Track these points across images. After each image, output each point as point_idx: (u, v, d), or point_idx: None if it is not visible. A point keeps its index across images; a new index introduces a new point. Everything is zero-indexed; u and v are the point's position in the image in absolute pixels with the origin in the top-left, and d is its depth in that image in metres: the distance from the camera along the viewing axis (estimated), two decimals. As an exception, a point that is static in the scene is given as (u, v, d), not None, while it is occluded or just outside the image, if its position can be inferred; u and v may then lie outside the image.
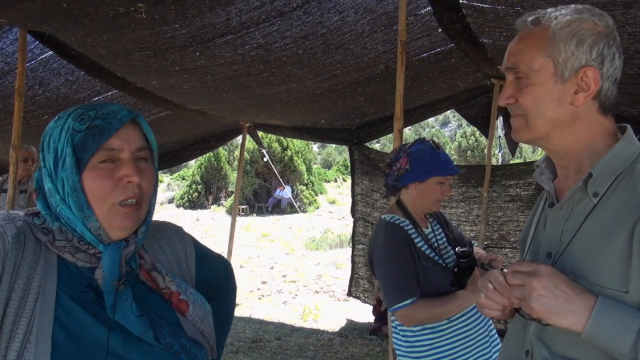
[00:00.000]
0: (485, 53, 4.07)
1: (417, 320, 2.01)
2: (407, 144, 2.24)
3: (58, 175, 1.00)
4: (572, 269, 1.02)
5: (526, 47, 1.08)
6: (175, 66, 3.89)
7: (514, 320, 1.18)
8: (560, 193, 1.14)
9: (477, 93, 5.22)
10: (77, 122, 1.01)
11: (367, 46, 3.77)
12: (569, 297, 0.95)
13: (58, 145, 1.00)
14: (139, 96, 4.62)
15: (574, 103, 1.06)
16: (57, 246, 1.01)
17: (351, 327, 6.03)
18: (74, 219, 1.00)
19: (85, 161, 1.00)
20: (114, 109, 1.04)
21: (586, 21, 1.04)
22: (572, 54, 1.04)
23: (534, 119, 1.08)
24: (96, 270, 1.02)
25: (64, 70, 4.09)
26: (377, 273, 2.12)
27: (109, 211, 1.01)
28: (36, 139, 5.15)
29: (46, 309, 0.94)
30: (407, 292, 2.00)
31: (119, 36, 3.33)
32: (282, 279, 8.79)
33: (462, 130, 37.74)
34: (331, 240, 12.87)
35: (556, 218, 1.11)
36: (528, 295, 0.97)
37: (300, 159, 23.51)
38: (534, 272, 0.98)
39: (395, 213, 2.18)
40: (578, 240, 1.04)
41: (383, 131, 5.98)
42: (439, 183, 2.11)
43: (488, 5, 3.26)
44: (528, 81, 1.08)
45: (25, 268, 0.95)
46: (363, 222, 6.30)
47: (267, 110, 5.40)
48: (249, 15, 3.18)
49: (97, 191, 1.00)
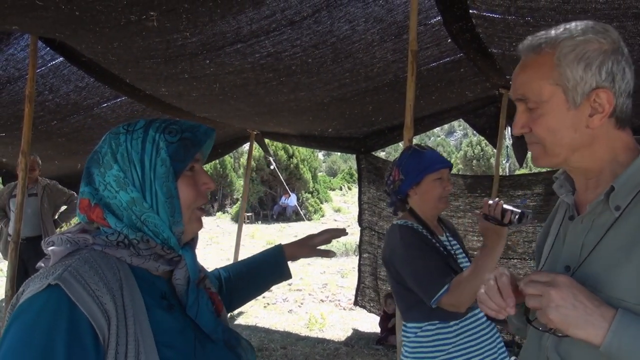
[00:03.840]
0: (494, 63, 4.07)
1: (464, 299, 1.93)
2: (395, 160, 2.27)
3: (146, 184, 1.05)
4: (590, 282, 1.01)
5: (532, 78, 1.06)
6: (185, 74, 3.90)
7: (530, 333, 1.16)
8: (580, 206, 1.13)
9: (485, 103, 5.21)
10: (165, 134, 1.08)
11: (377, 55, 3.78)
12: (587, 309, 0.93)
13: (144, 156, 1.05)
14: (147, 103, 4.65)
15: (590, 126, 1.03)
16: (142, 255, 1.04)
17: (357, 336, 5.99)
18: (162, 225, 1.05)
19: (181, 170, 1.08)
20: (192, 124, 1.14)
21: (591, 42, 1.02)
22: (581, 79, 1.02)
23: (552, 147, 1.06)
24: (176, 271, 1.08)
25: (74, 76, 4.11)
26: (403, 274, 2.08)
27: (190, 216, 1.10)
28: (45, 144, 5.22)
29: (144, 327, 0.97)
30: (439, 281, 1.96)
31: (130, 43, 3.35)
32: (288, 287, 8.75)
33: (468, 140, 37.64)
34: (336, 249, 12.80)
35: (576, 231, 1.10)
36: (546, 305, 0.95)
37: (306, 166, 23.51)
38: (552, 283, 0.96)
39: (408, 219, 2.18)
40: (598, 254, 1.03)
41: (391, 140, 5.97)
42: (435, 180, 2.12)
43: (498, 16, 3.27)
44: (540, 111, 1.05)
45: (118, 297, 0.95)
46: (369, 231, 6.28)
47: (275, 119, 5.41)
48: (260, 24, 3.19)
49: (187, 197, 1.09)
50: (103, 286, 0.93)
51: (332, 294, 8.27)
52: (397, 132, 5.70)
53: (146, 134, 1.07)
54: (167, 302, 1.05)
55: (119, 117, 4.81)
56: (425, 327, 2.09)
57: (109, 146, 1.07)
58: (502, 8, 3.11)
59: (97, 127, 4.94)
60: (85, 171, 1.09)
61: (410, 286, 2.06)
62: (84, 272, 0.93)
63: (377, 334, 5.85)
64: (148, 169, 1.04)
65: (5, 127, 4.81)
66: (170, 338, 1.00)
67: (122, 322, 0.93)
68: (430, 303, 1.98)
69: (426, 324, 2.09)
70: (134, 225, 1.04)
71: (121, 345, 0.91)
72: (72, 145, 5.47)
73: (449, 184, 2.13)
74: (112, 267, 0.99)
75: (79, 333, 0.88)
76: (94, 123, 4.88)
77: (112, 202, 1.04)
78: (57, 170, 6.29)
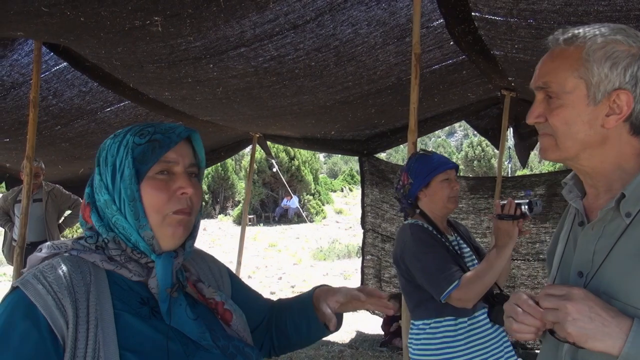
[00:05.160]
0: (496, 65, 4.07)
1: (472, 295, 2.00)
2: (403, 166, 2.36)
3: (116, 187, 1.05)
4: (605, 290, 1.01)
5: (559, 67, 1.07)
6: (188, 78, 3.91)
7: (546, 341, 1.16)
8: (590, 212, 1.13)
9: (487, 104, 5.23)
10: (136, 136, 1.07)
11: (379, 58, 3.79)
12: (604, 321, 0.93)
13: (116, 159, 1.06)
14: (151, 107, 4.66)
15: (605, 125, 1.04)
16: (114, 259, 1.05)
17: (361, 338, 6.00)
18: (129, 228, 1.05)
19: (144, 172, 1.05)
20: (172, 125, 1.11)
21: (621, 43, 1.03)
22: (605, 77, 1.03)
23: (564, 139, 1.07)
24: (149, 280, 1.07)
25: (77, 81, 4.13)
26: (414, 271, 2.13)
27: (162, 221, 1.06)
28: (49, 150, 5.23)
29: (108, 332, 0.97)
30: (449, 277, 2.01)
31: (134, 48, 3.36)
32: (291, 290, 8.77)
33: (469, 140, 37.63)
34: (339, 251, 12.83)
35: (587, 238, 1.10)
36: (563, 319, 0.95)
37: (307, 168, 23.54)
38: (567, 296, 0.97)
39: (418, 220, 2.23)
40: (611, 261, 1.03)
41: (393, 142, 5.99)
42: (443, 181, 2.18)
43: (500, 18, 3.27)
44: (559, 102, 1.06)
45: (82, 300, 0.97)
46: (373, 233, 6.29)
47: (278, 122, 5.42)
48: (263, 28, 3.20)
49: (154, 201, 1.05)
50: (65, 289, 0.95)
51: (335, 296, 8.26)
52: (399, 135, 5.71)
53: (123, 138, 1.08)
54: (149, 308, 1.05)
55: (123, 122, 4.82)
56: (433, 324, 2.13)
57: (99, 150, 1.11)
58: (505, 11, 3.12)
59: (100, 131, 4.96)
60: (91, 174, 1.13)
61: (420, 282, 2.10)
62: (49, 275, 0.97)
63: (381, 336, 5.85)
64: (117, 172, 1.05)
65: (9, 133, 4.83)
66: (137, 343, 0.99)
67: (83, 325, 0.95)
68: (440, 298, 2.03)
69: (434, 321, 2.13)
70: (109, 226, 1.07)
71: (80, 347, 0.93)
72: (75, 150, 5.49)
73: (457, 184, 2.17)
74: (83, 271, 1.01)
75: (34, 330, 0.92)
76: (98, 127, 4.89)
77: (98, 203, 1.08)
78: (60, 175, 6.30)
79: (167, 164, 1.07)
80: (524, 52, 3.67)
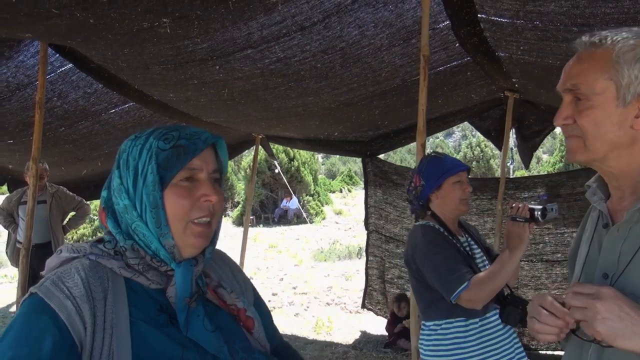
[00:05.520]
0: (501, 66, 4.08)
1: (483, 296, 2.00)
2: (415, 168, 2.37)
3: (137, 192, 1.02)
4: (632, 290, 1.02)
5: (588, 69, 1.08)
6: (194, 79, 3.92)
7: (570, 342, 1.17)
8: (615, 214, 1.14)
9: (490, 106, 5.23)
10: (160, 141, 1.03)
11: (385, 60, 3.80)
12: (634, 320, 0.94)
13: (138, 163, 1.02)
14: (155, 108, 4.66)
15: (634, 127, 1.05)
16: (132, 267, 1.01)
17: (365, 339, 6.00)
18: (150, 236, 1.02)
19: (169, 179, 1.02)
20: (197, 130, 1.07)
21: None
22: (635, 78, 1.04)
23: (594, 141, 1.07)
24: (168, 289, 1.03)
25: (82, 82, 4.13)
26: (425, 271, 2.14)
27: (184, 229, 1.03)
28: (52, 151, 5.23)
29: (122, 341, 0.94)
30: (459, 277, 2.02)
31: (141, 50, 3.36)
32: (293, 291, 8.76)
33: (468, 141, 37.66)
34: (339, 252, 12.82)
35: (613, 239, 1.11)
36: (592, 318, 0.96)
37: (307, 169, 23.52)
38: (597, 295, 0.97)
39: (430, 221, 2.24)
40: (637, 262, 1.04)
41: (396, 143, 6.00)
42: (455, 183, 2.20)
43: (506, 20, 3.28)
44: (589, 103, 1.07)
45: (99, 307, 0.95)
46: (376, 234, 6.29)
47: (282, 123, 5.42)
48: (270, 29, 3.20)
49: (177, 209, 1.02)
50: (83, 295, 0.94)
51: (337, 297, 8.28)
52: (402, 136, 5.72)
53: (146, 141, 1.04)
54: (167, 316, 1.02)
55: (127, 123, 4.82)
56: (444, 324, 2.14)
57: (119, 152, 1.08)
58: (511, 12, 3.12)
59: (104, 133, 4.96)
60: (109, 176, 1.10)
61: (431, 282, 2.11)
62: (67, 281, 0.95)
63: (385, 337, 5.86)
64: (140, 177, 1.02)
65: (13, 134, 4.82)
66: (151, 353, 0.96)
67: (100, 333, 0.93)
68: (450, 298, 2.04)
69: (445, 322, 2.14)
70: (127, 233, 1.04)
71: (95, 355, 0.92)
72: (79, 152, 5.48)
73: (468, 186, 2.19)
74: (101, 277, 0.98)
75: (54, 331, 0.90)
76: (102, 129, 4.90)
77: (116, 207, 1.05)
78: (63, 177, 6.30)
79: (191, 171, 1.04)
80: (529, 53, 3.68)
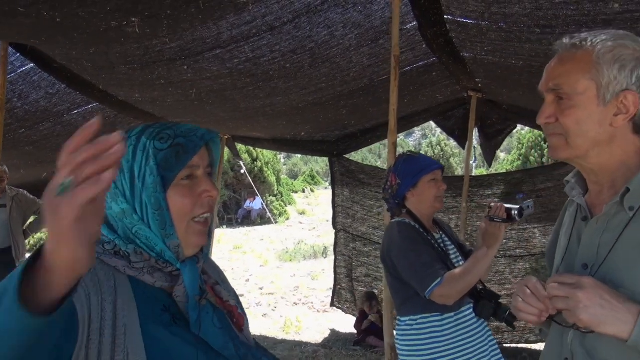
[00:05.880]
0: (465, 67, 4.18)
1: (455, 292, 2.06)
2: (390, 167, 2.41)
3: (136, 195, 0.98)
4: (611, 280, 1.07)
5: (570, 70, 1.13)
6: (161, 79, 3.86)
7: (552, 330, 1.22)
8: (594, 208, 1.19)
9: (454, 105, 5.34)
10: (156, 141, 1.00)
11: (353, 60, 3.83)
12: (614, 307, 0.99)
13: (134, 165, 0.99)
14: (120, 109, 4.58)
15: (614, 124, 1.11)
16: (136, 268, 0.98)
17: (334, 338, 6.04)
18: (154, 238, 0.99)
19: (171, 179, 1.00)
20: (191, 127, 1.05)
21: (627, 47, 1.10)
22: (614, 78, 1.09)
23: (575, 138, 1.12)
24: (175, 289, 1.01)
25: (44, 83, 4.01)
26: (400, 267, 2.18)
27: (187, 228, 1.02)
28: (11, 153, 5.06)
29: (137, 341, 0.91)
30: (433, 273, 2.07)
31: (107, 49, 3.30)
32: (259, 292, 8.73)
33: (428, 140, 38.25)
34: (305, 252, 12.84)
35: (592, 231, 1.16)
36: (574, 307, 1.01)
37: (270, 169, 23.45)
38: (578, 285, 1.02)
39: (405, 218, 2.28)
40: (616, 252, 1.09)
41: (362, 143, 6.06)
42: (430, 181, 2.25)
43: (472, 21, 3.36)
44: (571, 102, 1.12)
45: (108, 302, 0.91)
46: (344, 233, 6.34)
47: (250, 123, 5.40)
48: (240, 29, 3.19)
49: (181, 208, 1.01)
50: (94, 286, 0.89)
51: (304, 297, 8.30)
52: (369, 135, 5.78)
53: (138, 141, 1.00)
54: (170, 315, 0.99)
55: (90, 124, 4.71)
56: (419, 320, 2.18)
57: None
58: (477, 14, 3.20)
59: (66, 134, 4.82)
60: None
61: (406, 278, 2.16)
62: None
63: (353, 335, 5.91)
64: (137, 179, 0.98)
65: (-30, 136, 4.65)
66: (164, 353, 0.94)
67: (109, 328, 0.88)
68: (424, 294, 2.09)
69: (420, 317, 2.19)
70: (127, 237, 1.00)
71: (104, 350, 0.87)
72: (40, 154, 5.33)
73: (443, 185, 2.24)
74: (108, 273, 0.94)
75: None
76: (64, 130, 4.77)
77: (108, 212, 1.00)
78: (22, 179, 6.10)
79: (191, 169, 1.02)
80: (492, 54, 3.78)
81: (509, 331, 5.43)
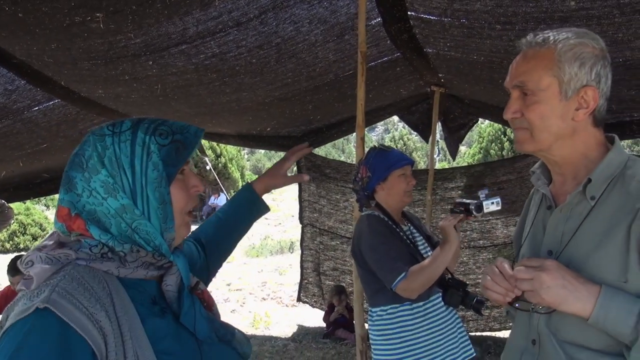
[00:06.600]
0: (428, 62, 4.26)
1: (417, 286, 2.11)
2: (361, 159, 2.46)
3: (137, 190, 0.99)
4: (574, 264, 1.14)
5: (534, 67, 1.19)
6: (125, 75, 3.81)
7: (518, 316, 1.29)
8: (558, 197, 1.26)
9: (418, 100, 5.44)
10: (156, 136, 1.02)
11: (319, 55, 3.86)
12: (575, 287, 1.06)
13: (134, 160, 1.00)
14: (82, 106, 4.48)
15: (575, 119, 1.18)
16: (130, 267, 0.99)
17: (303, 332, 6.08)
18: (154, 232, 1.01)
19: (174, 174, 1.03)
20: (182, 124, 1.08)
21: (587, 45, 1.16)
22: (575, 75, 1.15)
23: (540, 132, 1.19)
24: (167, 278, 1.03)
25: (2, 79, 3.89)
26: (368, 260, 2.24)
27: (181, 221, 1.06)
28: (-33, 152, 4.89)
29: (142, 340, 0.92)
30: (399, 267, 2.13)
31: (70, 45, 3.24)
32: (227, 288, 8.71)
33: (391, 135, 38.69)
34: (271, 247, 12.85)
35: (556, 220, 1.23)
36: (538, 287, 1.08)
37: (234, 165, 23.29)
38: (542, 267, 1.09)
39: (375, 211, 2.33)
40: (578, 239, 1.16)
41: (328, 138, 6.09)
42: (400, 175, 2.30)
43: (435, 17, 3.43)
44: (535, 98, 1.18)
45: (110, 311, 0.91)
46: (311, 227, 6.37)
47: (215, 119, 5.37)
48: (206, 25, 3.18)
49: (180, 202, 1.05)
50: (96, 302, 0.89)
51: (272, 292, 8.32)
52: (334, 130, 5.82)
53: (135, 136, 1.01)
54: (159, 307, 1.01)
55: (51, 121, 4.60)
56: (390, 310, 2.25)
57: (94, 149, 1.00)
58: (439, 10, 3.27)
59: (27, 131, 4.70)
60: (65, 177, 1.01)
61: (374, 271, 2.21)
62: (74, 291, 0.89)
63: (322, 329, 5.96)
64: (139, 174, 0.99)
65: None
66: (169, 345, 0.97)
67: (119, 338, 0.89)
68: (390, 287, 2.16)
69: (390, 307, 2.25)
70: (123, 234, 0.99)
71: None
72: (-2, 152, 5.17)
73: (413, 180, 2.29)
74: (101, 281, 0.94)
75: (73, 355, 0.84)
76: (24, 127, 4.64)
77: (98, 209, 0.98)
78: (-22, 178, 5.91)
79: (185, 165, 1.07)
80: (455, 49, 3.87)
81: (474, 320, 5.58)
